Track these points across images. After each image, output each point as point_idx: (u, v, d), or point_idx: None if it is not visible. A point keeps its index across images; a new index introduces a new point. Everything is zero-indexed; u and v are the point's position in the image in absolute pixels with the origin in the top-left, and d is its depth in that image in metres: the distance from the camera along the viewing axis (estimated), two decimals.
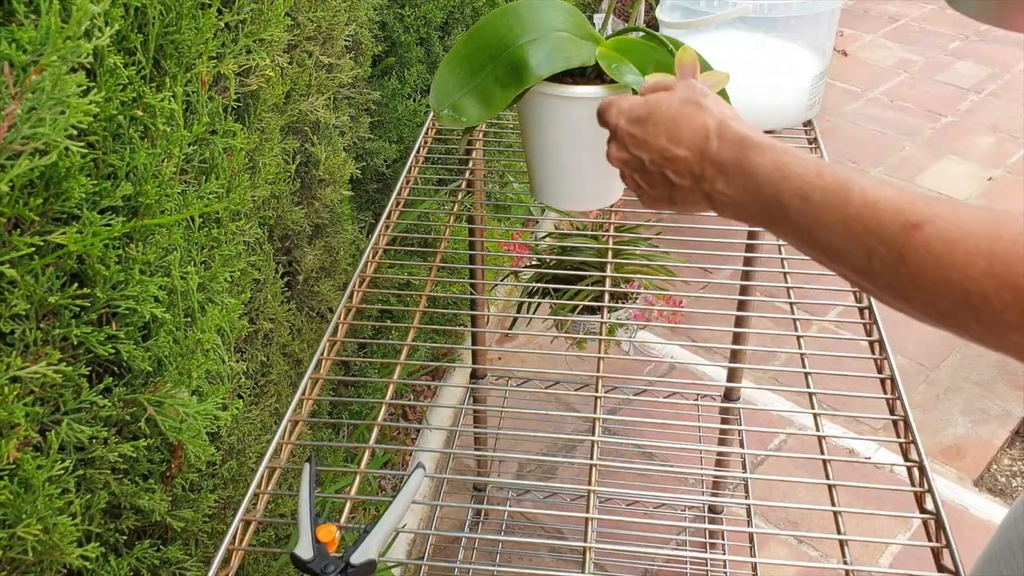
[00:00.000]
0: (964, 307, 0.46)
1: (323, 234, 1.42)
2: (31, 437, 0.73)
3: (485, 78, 0.86)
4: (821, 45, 1.05)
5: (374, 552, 0.63)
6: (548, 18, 0.87)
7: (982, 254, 0.45)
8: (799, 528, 1.75)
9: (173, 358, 0.86)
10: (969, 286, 0.45)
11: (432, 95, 0.87)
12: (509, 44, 0.85)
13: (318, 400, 0.86)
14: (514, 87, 0.85)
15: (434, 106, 0.87)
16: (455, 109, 0.86)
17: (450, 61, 0.88)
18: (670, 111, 0.63)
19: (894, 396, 0.82)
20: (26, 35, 0.59)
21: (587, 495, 0.74)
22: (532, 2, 0.87)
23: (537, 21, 0.86)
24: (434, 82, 0.88)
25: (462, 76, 0.87)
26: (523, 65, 0.84)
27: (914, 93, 3.29)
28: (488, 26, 0.87)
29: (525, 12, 0.86)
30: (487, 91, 0.86)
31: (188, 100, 0.88)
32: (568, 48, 0.86)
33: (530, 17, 0.86)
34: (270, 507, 1.24)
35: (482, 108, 0.86)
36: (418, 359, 1.97)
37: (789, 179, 0.53)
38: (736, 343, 1.35)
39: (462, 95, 0.87)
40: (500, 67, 0.85)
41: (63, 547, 0.75)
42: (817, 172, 0.53)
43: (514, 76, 0.85)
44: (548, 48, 0.85)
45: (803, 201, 0.52)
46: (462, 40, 0.88)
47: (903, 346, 2.12)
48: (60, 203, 0.70)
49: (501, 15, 0.87)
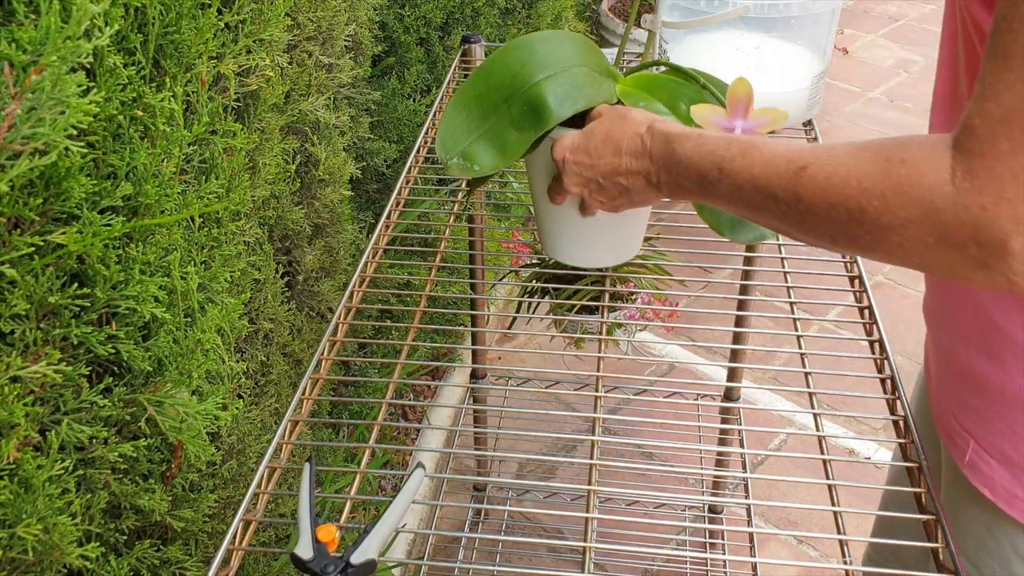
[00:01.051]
0: (852, 223, 0.55)
1: (323, 234, 1.42)
2: (31, 437, 0.73)
3: (498, 121, 0.78)
4: (821, 45, 1.05)
5: (374, 552, 0.63)
6: (564, 52, 0.79)
7: (853, 176, 0.55)
8: (799, 528, 1.75)
9: (173, 358, 0.86)
10: (849, 204, 0.55)
11: (439, 142, 0.79)
12: (523, 82, 0.77)
13: (318, 400, 0.86)
14: (532, 130, 0.76)
15: (441, 154, 0.78)
16: (465, 157, 0.78)
17: (457, 104, 0.80)
18: (603, 131, 0.73)
19: (894, 396, 0.82)
20: (26, 35, 0.59)
21: (587, 495, 0.74)
22: (544, 35, 0.80)
23: (552, 56, 0.78)
24: (440, 128, 0.79)
25: (471, 120, 0.79)
26: (541, 105, 0.76)
27: (914, 93, 3.29)
28: (498, 63, 0.79)
29: (538, 47, 0.78)
30: (501, 136, 0.78)
31: (188, 100, 0.88)
32: (588, 85, 0.78)
33: (544, 52, 0.78)
34: (270, 507, 1.24)
35: (496, 155, 0.77)
36: (418, 359, 1.97)
37: (706, 156, 0.64)
38: (736, 343, 1.35)
39: (472, 141, 0.78)
40: (515, 108, 0.77)
41: (63, 547, 0.75)
42: (726, 146, 0.63)
43: (532, 118, 0.76)
44: (567, 85, 0.77)
45: (720, 171, 0.63)
46: (470, 80, 0.80)
47: (903, 346, 2.12)
48: (60, 203, 0.70)
49: (512, 50, 0.78)
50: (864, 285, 0.95)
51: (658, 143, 0.69)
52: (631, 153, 0.71)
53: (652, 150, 0.69)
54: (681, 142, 0.67)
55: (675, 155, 0.67)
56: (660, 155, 0.69)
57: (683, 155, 0.66)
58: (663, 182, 0.69)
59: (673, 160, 0.67)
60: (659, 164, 0.69)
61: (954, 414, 0.77)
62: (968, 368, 0.74)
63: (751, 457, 1.83)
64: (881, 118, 3.12)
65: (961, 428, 0.76)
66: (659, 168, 0.69)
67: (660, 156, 0.69)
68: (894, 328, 2.19)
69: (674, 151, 0.67)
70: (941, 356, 0.80)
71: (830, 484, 0.75)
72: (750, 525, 1.49)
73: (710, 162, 0.64)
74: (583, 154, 0.74)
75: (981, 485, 0.74)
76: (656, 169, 0.69)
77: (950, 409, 0.78)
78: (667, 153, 0.68)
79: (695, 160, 0.65)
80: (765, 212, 0.61)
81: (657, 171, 0.69)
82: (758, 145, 0.62)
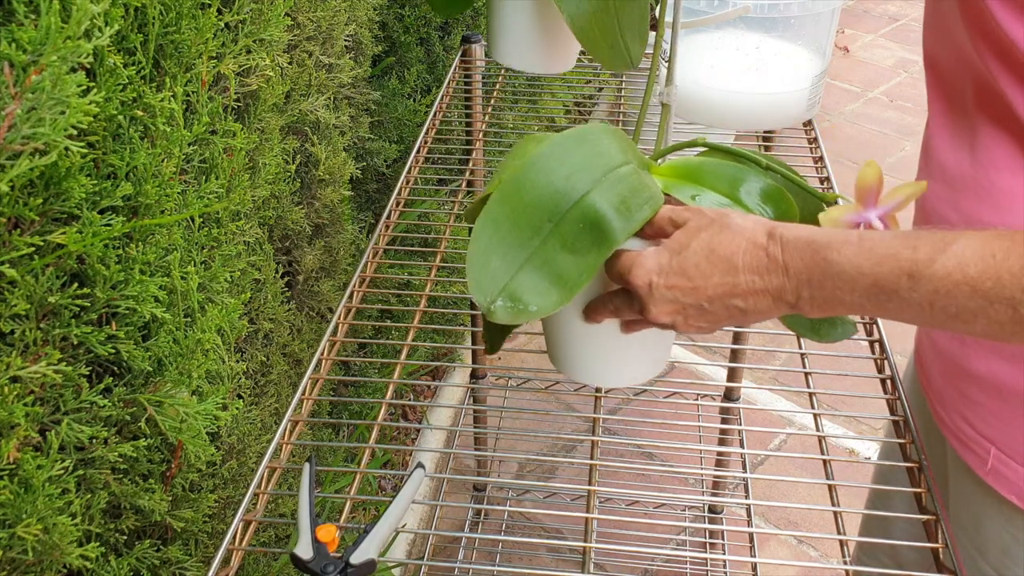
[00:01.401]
0: None
1: (323, 234, 1.42)
2: (31, 437, 0.73)
3: (544, 246, 0.63)
4: (821, 45, 1.05)
5: (374, 552, 0.63)
6: (605, 150, 0.66)
7: None
8: (799, 528, 1.75)
9: (173, 358, 0.86)
10: None
11: (472, 283, 0.62)
12: (569, 195, 0.63)
13: (318, 400, 0.86)
14: (593, 252, 0.62)
15: (479, 298, 0.62)
16: (512, 298, 0.62)
17: (484, 230, 0.63)
18: (702, 246, 0.60)
19: (894, 396, 0.82)
20: (26, 35, 0.59)
21: (587, 495, 0.74)
22: (578, 134, 0.66)
23: (595, 157, 0.65)
24: (469, 263, 0.63)
25: (508, 248, 0.63)
26: (600, 221, 0.62)
27: (914, 93, 3.29)
28: (530, 175, 0.64)
29: (575, 148, 0.65)
30: (552, 264, 0.62)
31: (188, 100, 0.88)
32: (643, 189, 0.65)
33: (584, 154, 0.65)
34: (270, 507, 1.24)
35: (553, 288, 0.62)
36: (418, 359, 1.97)
37: (884, 263, 0.54)
38: (736, 342, 1.35)
39: (515, 275, 0.63)
40: (565, 228, 0.63)
41: (63, 547, 0.75)
42: (909, 245, 0.53)
43: (590, 238, 0.62)
44: (623, 191, 0.63)
45: (912, 278, 0.53)
46: (495, 200, 0.64)
47: (903, 346, 2.12)
48: (60, 203, 0.70)
49: (544, 159, 0.64)
50: None
51: (796, 254, 0.57)
52: (752, 270, 0.59)
53: (787, 263, 0.58)
54: (837, 249, 0.55)
55: (831, 266, 0.56)
56: (803, 268, 0.57)
57: (845, 264, 0.55)
58: (805, 298, 0.58)
59: (827, 273, 0.56)
60: (800, 279, 0.57)
61: (967, 420, 0.74)
62: (981, 371, 0.71)
63: (751, 457, 1.83)
64: (881, 118, 3.12)
65: (977, 434, 0.73)
66: (800, 283, 0.57)
67: (803, 269, 0.57)
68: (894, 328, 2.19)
69: (828, 261, 0.56)
70: (944, 360, 0.76)
71: (830, 484, 0.75)
72: (750, 525, 1.49)
73: (892, 268, 0.53)
74: (679, 276, 0.61)
75: (1008, 492, 0.71)
76: (795, 285, 0.58)
77: (961, 414, 0.74)
78: (815, 265, 0.56)
79: (866, 269, 0.54)
80: (981, 318, 0.52)
81: (796, 287, 0.58)
82: (951, 242, 0.52)
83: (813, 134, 1.18)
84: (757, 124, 1.05)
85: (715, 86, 1.02)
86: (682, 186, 0.67)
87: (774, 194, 0.66)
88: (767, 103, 1.05)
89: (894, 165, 2.86)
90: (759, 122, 1.06)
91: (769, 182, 0.66)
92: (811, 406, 0.83)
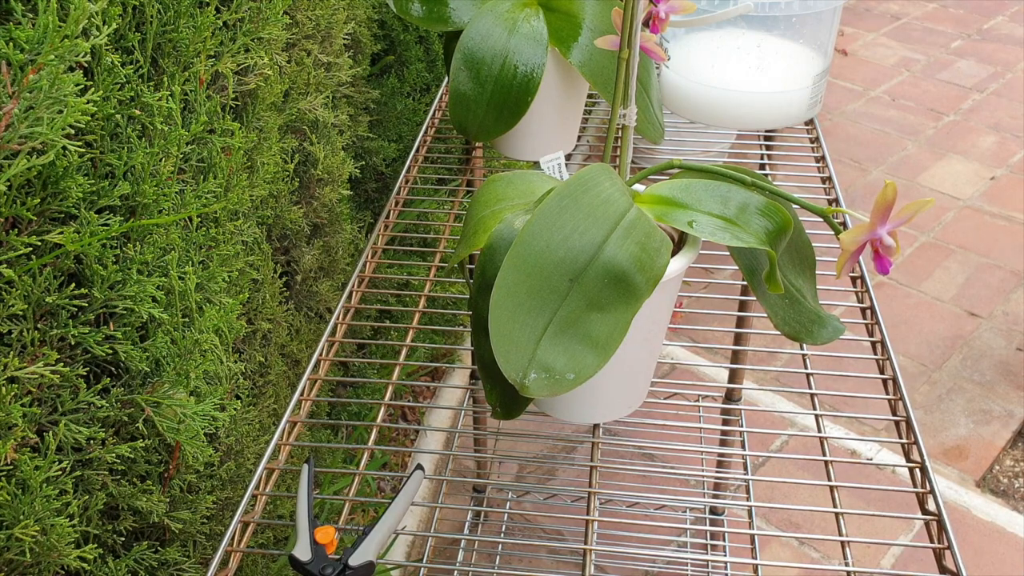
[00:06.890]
0: None
1: (322, 234, 1.42)
2: (28, 438, 0.73)
3: (567, 308, 0.60)
4: (823, 44, 1.04)
5: (373, 554, 0.63)
6: (607, 194, 0.63)
7: None
8: (801, 530, 1.74)
9: (171, 358, 0.85)
10: None
11: (499, 357, 0.59)
12: (586, 251, 0.60)
13: (317, 401, 0.86)
14: (623, 307, 0.60)
15: (509, 373, 0.58)
16: (545, 368, 0.59)
17: (502, 302, 0.59)
18: None
19: (896, 397, 0.82)
20: (24, 34, 0.59)
21: (587, 497, 0.73)
22: (580, 183, 0.62)
23: (601, 204, 0.62)
24: (493, 337, 0.59)
25: (527, 316, 0.60)
26: (623, 275, 0.60)
27: (916, 92, 3.28)
28: (540, 236, 0.60)
29: (583, 198, 0.62)
30: (580, 325, 0.59)
31: (186, 99, 0.88)
32: (653, 232, 0.62)
33: (591, 204, 0.62)
34: (268, 508, 1.24)
35: (587, 350, 0.59)
36: (417, 360, 1.96)
37: None
38: (737, 343, 1.34)
39: (540, 342, 0.59)
40: (588, 286, 0.60)
41: (61, 548, 0.74)
42: None
43: (616, 292, 0.60)
44: (639, 239, 0.61)
45: None
46: (508, 266, 0.60)
47: (905, 347, 2.12)
48: (57, 203, 0.70)
49: (554, 216, 0.61)
50: (866, 285, 0.94)
51: None
52: None
53: None
54: None
55: None
56: None
57: None
58: None
59: None
60: None
61: None
62: None
63: (752, 459, 1.82)
64: (883, 117, 3.12)
65: None
66: None
67: None
68: (896, 329, 2.19)
69: None
70: None
71: (832, 486, 0.75)
72: (751, 527, 1.49)
73: None
74: None
75: None
76: None
77: None
78: None
79: None
80: None
81: None
82: None
83: (815, 133, 1.17)
84: (758, 123, 1.05)
85: (716, 85, 1.02)
86: (674, 212, 0.65)
87: (767, 209, 0.64)
88: (768, 102, 1.05)
89: (896, 164, 2.86)
90: (760, 121, 1.05)
91: (759, 197, 0.64)
92: (813, 407, 0.82)
